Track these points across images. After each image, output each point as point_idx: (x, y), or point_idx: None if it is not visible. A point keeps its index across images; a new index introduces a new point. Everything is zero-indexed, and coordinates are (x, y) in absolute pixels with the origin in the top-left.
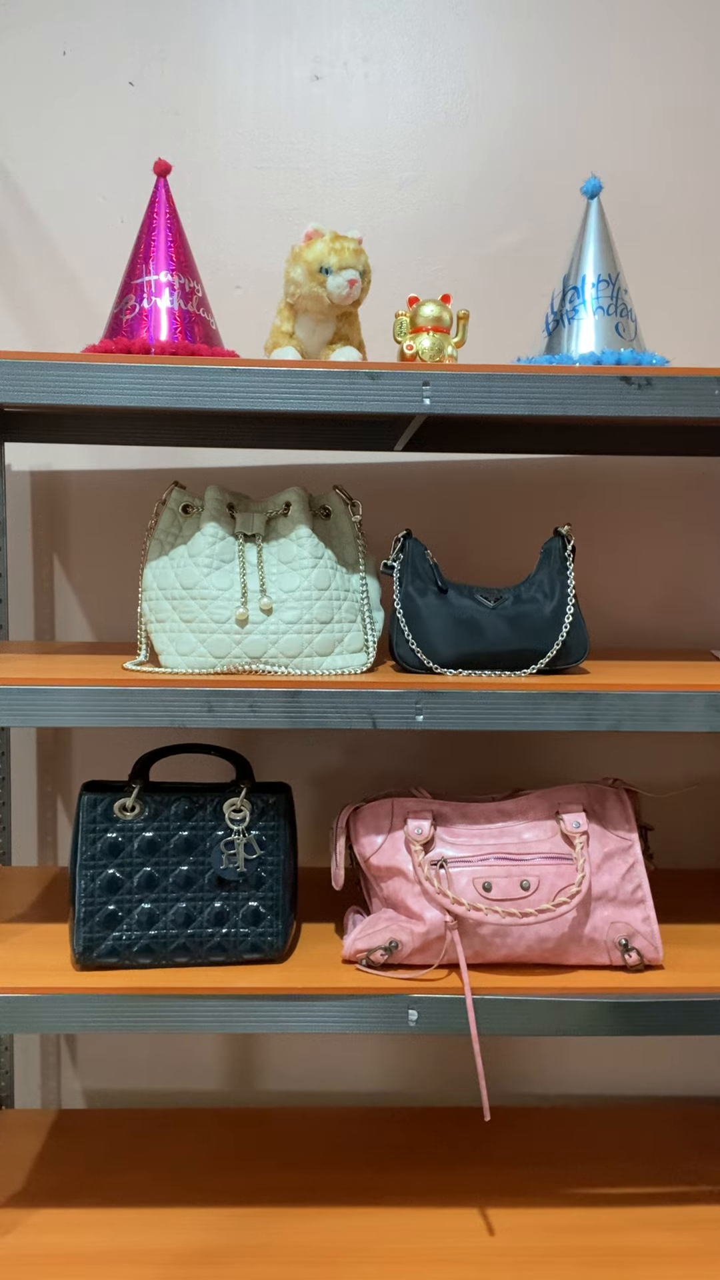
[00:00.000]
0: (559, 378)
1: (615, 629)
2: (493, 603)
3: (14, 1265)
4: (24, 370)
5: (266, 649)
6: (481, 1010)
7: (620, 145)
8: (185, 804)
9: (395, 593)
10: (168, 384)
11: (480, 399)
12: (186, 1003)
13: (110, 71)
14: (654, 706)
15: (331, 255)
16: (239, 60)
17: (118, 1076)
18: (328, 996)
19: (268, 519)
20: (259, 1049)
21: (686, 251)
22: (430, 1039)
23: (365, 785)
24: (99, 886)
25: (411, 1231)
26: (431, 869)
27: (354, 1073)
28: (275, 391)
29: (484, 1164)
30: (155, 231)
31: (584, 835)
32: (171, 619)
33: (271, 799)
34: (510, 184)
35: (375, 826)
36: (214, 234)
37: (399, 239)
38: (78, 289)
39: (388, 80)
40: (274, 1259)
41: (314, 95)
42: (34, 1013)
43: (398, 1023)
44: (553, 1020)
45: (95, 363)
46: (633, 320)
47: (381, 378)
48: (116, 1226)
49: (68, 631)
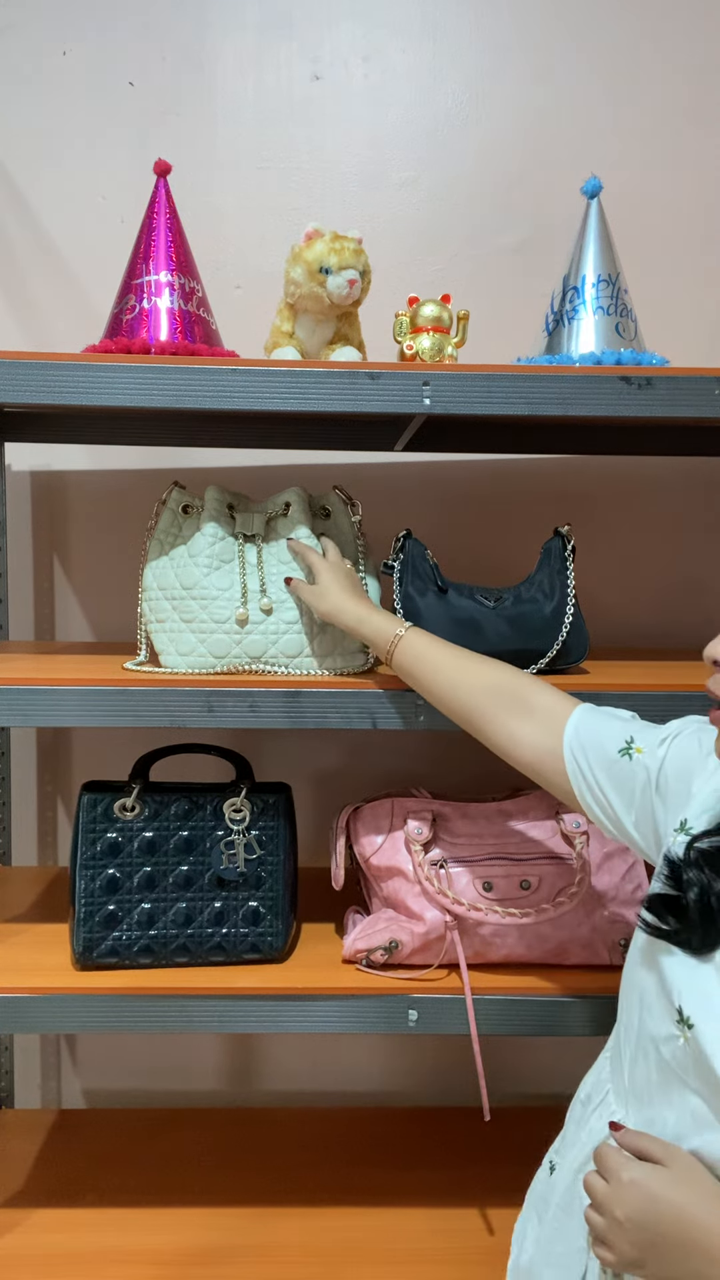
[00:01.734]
0: (559, 378)
1: (615, 629)
2: (493, 603)
3: (14, 1265)
4: (24, 370)
5: (266, 649)
6: (481, 1010)
7: (621, 145)
8: (185, 804)
9: (395, 593)
10: (168, 384)
11: (480, 399)
12: (186, 1003)
13: (110, 71)
14: (654, 706)
15: (331, 255)
16: (239, 60)
17: (118, 1076)
18: (328, 996)
19: (267, 519)
20: (259, 1049)
21: (686, 251)
22: (430, 1039)
23: (365, 785)
24: (99, 886)
25: (411, 1231)
26: (431, 869)
27: (354, 1073)
28: (275, 391)
29: (484, 1164)
30: (155, 231)
31: (584, 835)
32: (171, 619)
33: (271, 799)
34: (510, 184)
35: (375, 826)
36: (214, 234)
37: (399, 239)
38: (78, 289)
39: (388, 80)
40: (274, 1259)
41: (314, 95)
42: (34, 1013)
43: (398, 1023)
44: (553, 1020)
45: (95, 363)
46: (633, 320)
47: (381, 378)
48: (116, 1226)
49: (68, 631)
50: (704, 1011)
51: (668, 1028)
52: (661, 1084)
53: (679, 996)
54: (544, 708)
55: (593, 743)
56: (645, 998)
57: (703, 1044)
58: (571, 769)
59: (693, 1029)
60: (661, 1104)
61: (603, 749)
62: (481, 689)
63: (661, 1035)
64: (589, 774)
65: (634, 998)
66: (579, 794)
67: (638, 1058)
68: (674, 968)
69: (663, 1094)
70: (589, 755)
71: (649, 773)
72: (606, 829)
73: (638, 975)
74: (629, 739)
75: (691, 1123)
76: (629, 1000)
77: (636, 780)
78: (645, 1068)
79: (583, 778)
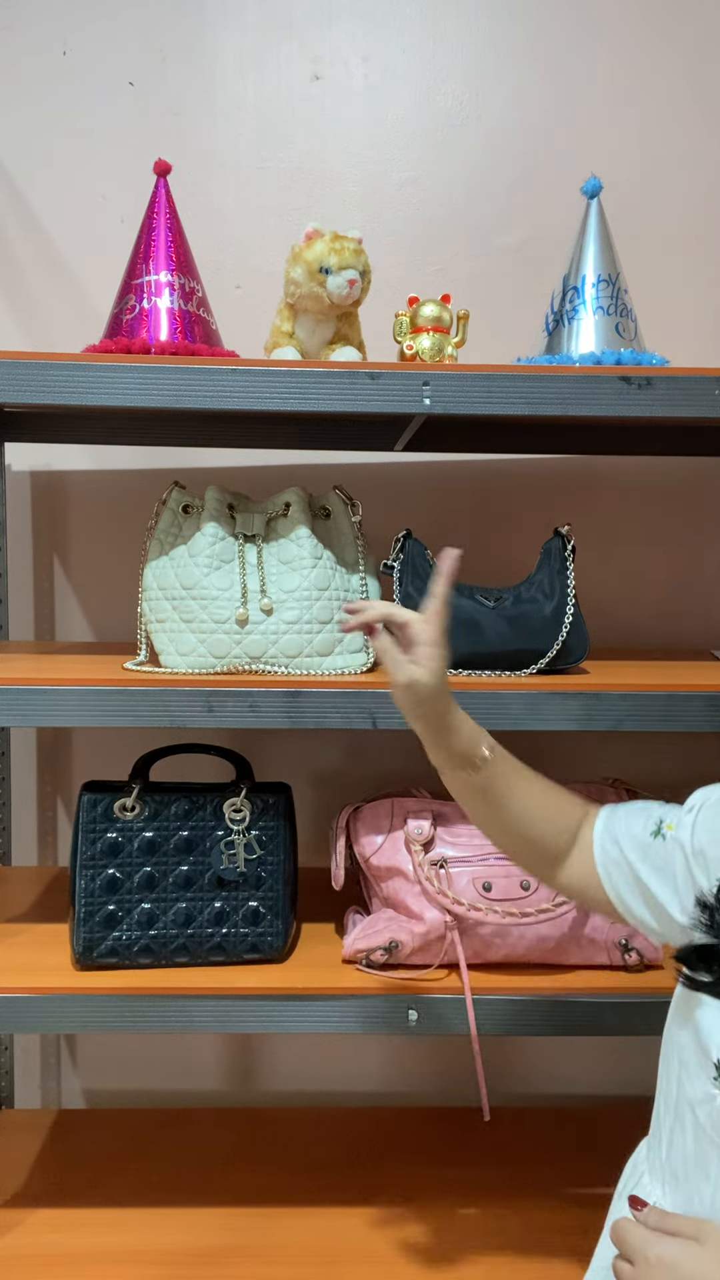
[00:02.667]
0: (559, 378)
1: (615, 629)
2: (493, 603)
3: (14, 1265)
4: (24, 370)
5: (266, 649)
6: (481, 1010)
7: (620, 145)
8: (185, 804)
9: (395, 593)
10: (168, 384)
11: (480, 399)
12: (186, 1003)
13: (110, 71)
14: (654, 706)
15: (331, 255)
16: (239, 60)
17: (118, 1076)
18: (328, 996)
19: (267, 519)
20: (259, 1049)
21: (686, 251)
22: (430, 1039)
23: (365, 785)
24: (99, 886)
25: (411, 1231)
26: (431, 869)
27: (354, 1073)
28: (275, 391)
29: (484, 1164)
30: (155, 231)
31: None
32: (171, 619)
33: (271, 799)
34: (510, 184)
35: (375, 826)
36: (214, 234)
37: (399, 239)
38: (78, 289)
39: (388, 80)
40: (274, 1259)
41: (314, 95)
42: (34, 1013)
43: (398, 1023)
44: (553, 1020)
45: (95, 363)
46: (633, 320)
47: (381, 378)
48: (116, 1226)
49: (68, 631)
50: None
51: (705, 1087)
52: (698, 1155)
53: (717, 1049)
54: (584, 835)
55: (624, 833)
56: (683, 1056)
57: None
58: (603, 867)
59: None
60: (699, 1178)
61: (635, 838)
62: (547, 831)
63: (698, 1097)
64: (624, 867)
65: (673, 1061)
66: (613, 894)
67: (675, 1129)
68: (712, 1020)
69: (699, 1167)
70: (622, 848)
71: (684, 848)
72: (654, 933)
73: (675, 1036)
74: (660, 820)
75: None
76: (668, 1066)
77: (675, 860)
78: (682, 1139)
79: (620, 872)
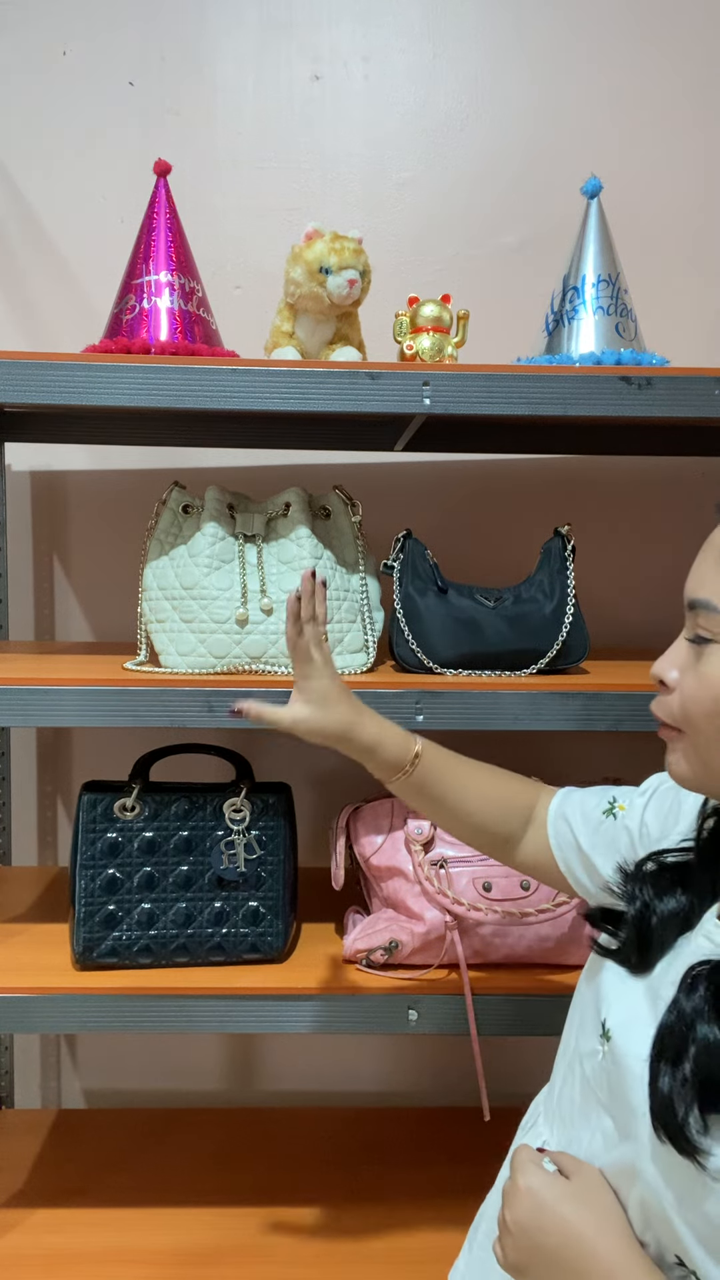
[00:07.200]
0: (559, 378)
1: (615, 629)
2: (493, 603)
3: (14, 1265)
4: (24, 370)
5: (266, 649)
6: (481, 1010)
7: (621, 145)
8: (185, 804)
9: (395, 593)
10: (168, 384)
11: (480, 399)
12: (186, 1003)
13: (110, 71)
14: None
15: (331, 255)
16: (239, 60)
17: (118, 1076)
18: (328, 996)
19: (268, 519)
20: (259, 1049)
21: (686, 251)
22: (430, 1039)
23: (365, 785)
24: (99, 886)
25: (411, 1231)
26: (431, 869)
27: (354, 1073)
28: (275, 391)
29: (484, 1164)
30: (155, 231)
31: None
32: (171, 619)
33: (271, 799)
34: (510, 184)
35: (375, 826)
36: (214, 234)
37: (399, 239)
38: (78, 289)
39: (388, 80)
40: (274, 1259)
41: (314, 95)
42: (34, 1013)
43: (398, 1023)
44: (553, 1020)
45: (95, 363)
46: (633, 320)
47: (381, 378)
48: (116, 1226)
49: (68, 631)
50: (624, 1025)
51: (592, 1043)
52: (582, 1104)
53: (606, 1008)
54: (538, 814)
55: (576, 812)
56: (584, 1013)
57: (616, 1056)
58: (556, 846)
59: (610, 1041)
60: (581, 1125)
61: (587, 816)
62: (497, 817)
63: (586, 1051)
64: (575, 843)
65: (574, 1016)
66: (566, 871)
67: (568, 1078)
68: (609, 982)
69: (583, 1115)
70: (573, 825)
71: (630, 831)
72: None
73: (582, 993)
74: (612, 799)
75: (602, 1143)
76: (570, 1020)
77: (620, 841)
78: (571, 1088)
79: (572, 851)
